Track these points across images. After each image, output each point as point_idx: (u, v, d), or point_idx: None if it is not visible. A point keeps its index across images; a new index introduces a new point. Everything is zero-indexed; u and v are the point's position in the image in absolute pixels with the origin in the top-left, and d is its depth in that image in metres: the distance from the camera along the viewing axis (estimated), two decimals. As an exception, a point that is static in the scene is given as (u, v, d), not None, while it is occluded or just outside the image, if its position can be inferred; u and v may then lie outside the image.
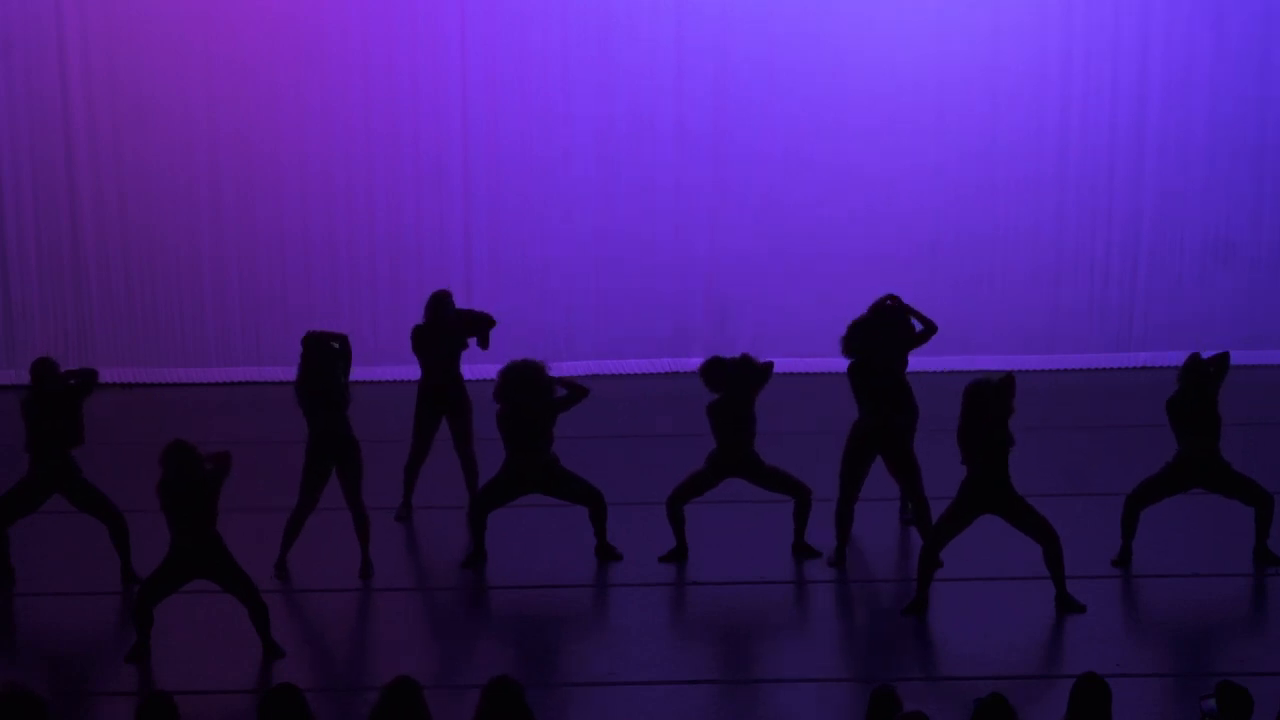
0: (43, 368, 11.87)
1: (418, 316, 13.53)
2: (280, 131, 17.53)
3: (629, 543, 12.56)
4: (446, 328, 13.17)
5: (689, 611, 11.76)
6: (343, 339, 12.14)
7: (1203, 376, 11.80)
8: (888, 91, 17.62)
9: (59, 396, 11.78)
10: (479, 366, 14.07)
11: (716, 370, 12.12)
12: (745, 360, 12.15)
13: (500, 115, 17.60)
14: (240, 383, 17.33)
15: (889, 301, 12.43)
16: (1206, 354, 12.15)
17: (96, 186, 17.59)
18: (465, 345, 13.28)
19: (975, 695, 7.55)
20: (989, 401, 10.95)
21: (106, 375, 17.36)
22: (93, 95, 17.40)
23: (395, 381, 16.38)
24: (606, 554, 12.33)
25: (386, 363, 17.17)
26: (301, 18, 17.37)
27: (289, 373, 12.11)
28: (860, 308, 12.60)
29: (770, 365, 12.20)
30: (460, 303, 17.08)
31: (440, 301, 13.23)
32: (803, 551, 12.29)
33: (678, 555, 12.26)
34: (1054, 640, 11.03)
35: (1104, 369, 17.54)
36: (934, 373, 14.88)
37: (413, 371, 13.72)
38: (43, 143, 17.49)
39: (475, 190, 17.73)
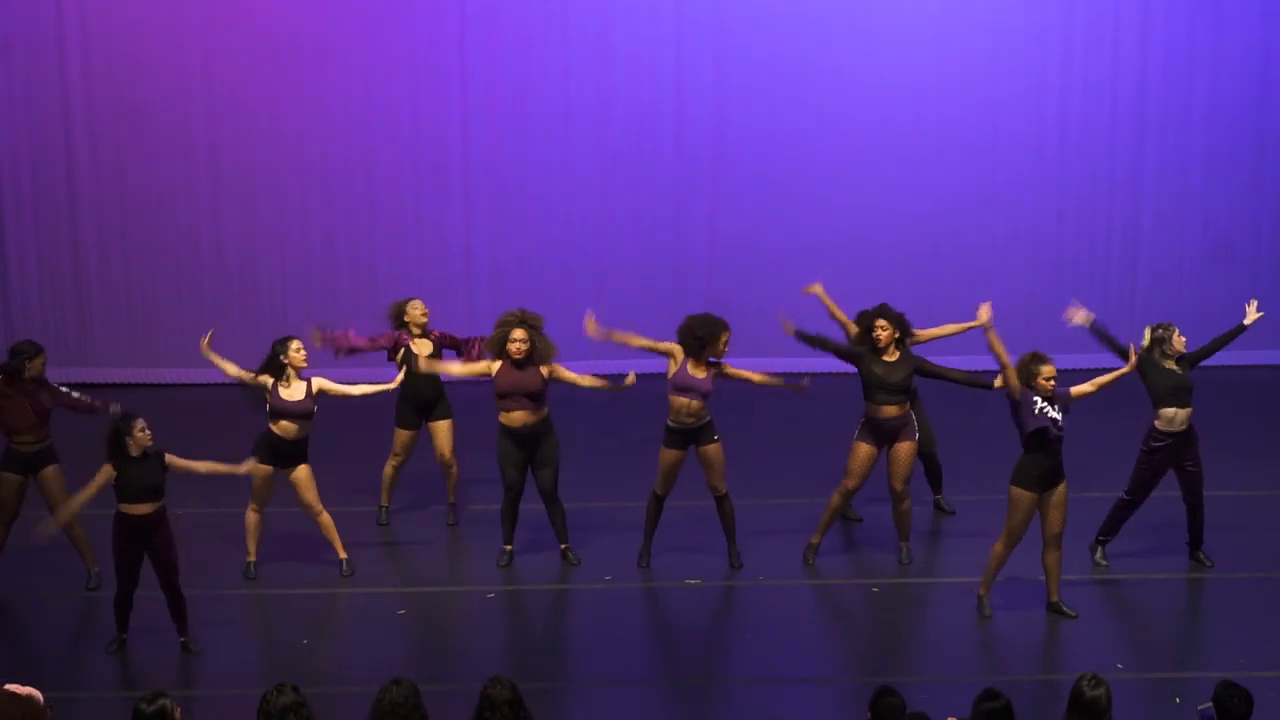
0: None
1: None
2: (280, 132, 17.55)
3: (628, 542, 12.57)
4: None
5: (689, 612, 11.75)
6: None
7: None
8: (888, 94, 17.66)
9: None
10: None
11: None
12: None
13: (500, 115, 17.61)
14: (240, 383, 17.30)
15: None
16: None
17: (96, 186, 17.60)
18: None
19: (975, 694, 7.54)
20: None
21: (106, 375, 17.43)
22: (93, 95, 17.42)
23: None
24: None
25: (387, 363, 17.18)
26: (302, 18, 17.39)
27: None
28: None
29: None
30: (460, 302, 17.21)
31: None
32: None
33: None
34: (1054, 640, 11.03)
35: (1104, 369, 17.51)
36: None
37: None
38: (43, 143, 17.50)
39: (475, 190, 17.75)
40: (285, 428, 11.82)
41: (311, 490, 11.96)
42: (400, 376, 12.31)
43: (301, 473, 11.91)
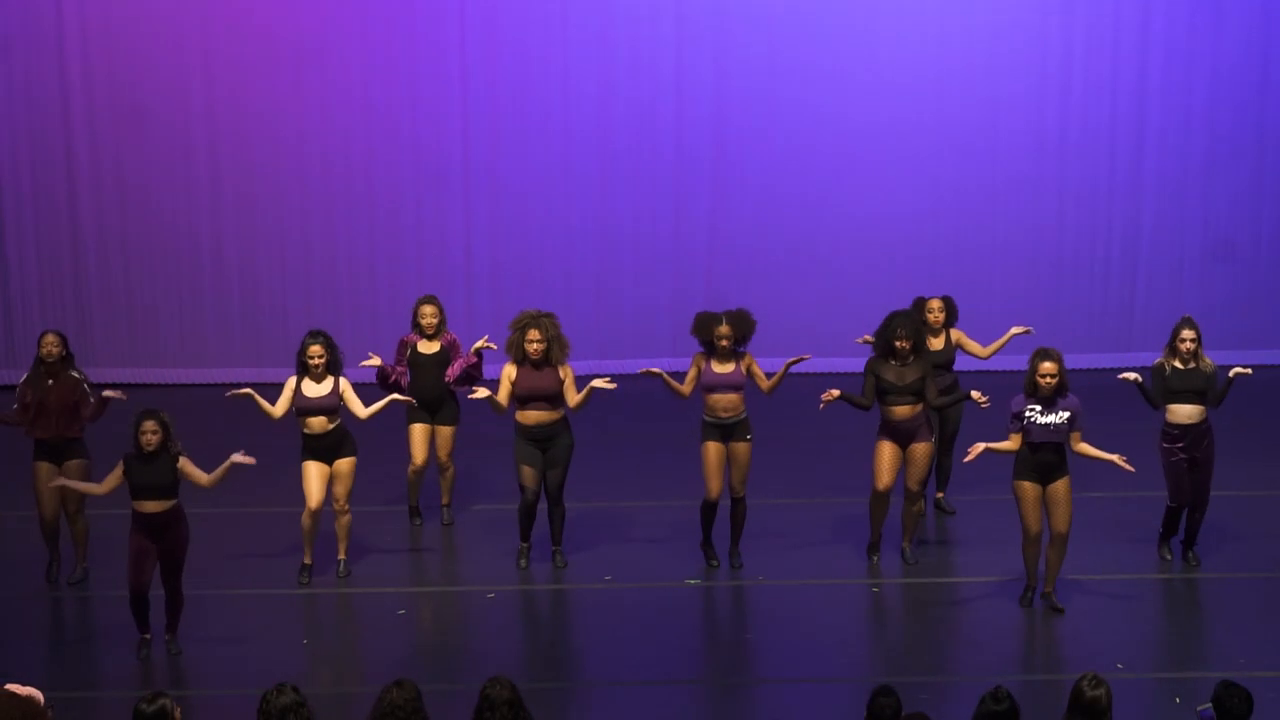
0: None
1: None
2: (280, 132, 17.55)
3: (629, 542, 12.56)
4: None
5: (689, 612, 11.75)
6: None
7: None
8: (887, 94, 17.66)
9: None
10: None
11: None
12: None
13: (500, 115, 17.61)
14: (240, 383, 17.30)
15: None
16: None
17: (96, 186, 17.61)
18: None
19: (977, 694, 7.54)
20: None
21: (106, 375, 17.41)
22: (93, 95, 17.42)
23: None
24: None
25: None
26: (302, 18, 17.38)
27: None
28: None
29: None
30: (460, 302, 17.20)
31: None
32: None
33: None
34: (1054, 640, 11.03)
35: (1104, 369, 17.54)
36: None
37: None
38: (43, 143, 17.51)
39: (475, 190, 17.75)
40: (310, 423, 11.90)
41: (344, 485, 12.00)
42: (390, 397, 12.23)
43: (343, 465, 11.99)
